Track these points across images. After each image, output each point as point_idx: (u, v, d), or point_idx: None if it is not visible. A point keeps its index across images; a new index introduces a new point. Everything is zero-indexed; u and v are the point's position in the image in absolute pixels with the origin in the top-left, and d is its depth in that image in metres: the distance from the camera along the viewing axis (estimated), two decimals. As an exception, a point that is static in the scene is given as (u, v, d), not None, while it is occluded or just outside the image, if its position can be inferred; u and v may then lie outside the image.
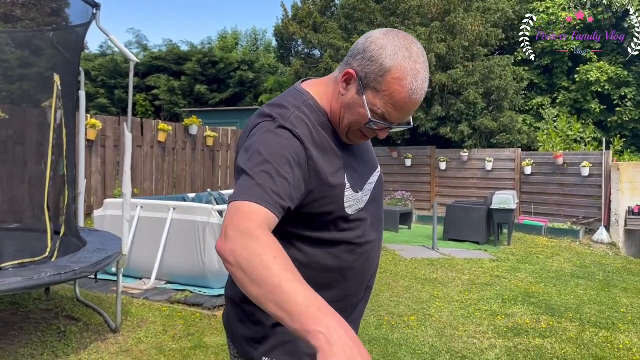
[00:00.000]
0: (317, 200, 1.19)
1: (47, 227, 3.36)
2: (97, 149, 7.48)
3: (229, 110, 15.53)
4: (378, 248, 1.39)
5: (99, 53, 20.53)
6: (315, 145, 1.19)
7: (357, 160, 1.32)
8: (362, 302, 1.41)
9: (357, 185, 1.28)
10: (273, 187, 1.07)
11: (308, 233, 1.23)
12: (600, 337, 4.35)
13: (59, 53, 4.55)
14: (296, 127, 1.18)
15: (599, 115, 13.23)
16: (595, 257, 8.42)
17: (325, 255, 1.25)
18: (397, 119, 1.21)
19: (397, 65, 1.15)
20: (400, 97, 1.16)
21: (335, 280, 1.28)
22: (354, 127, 1.24)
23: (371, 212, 1.33)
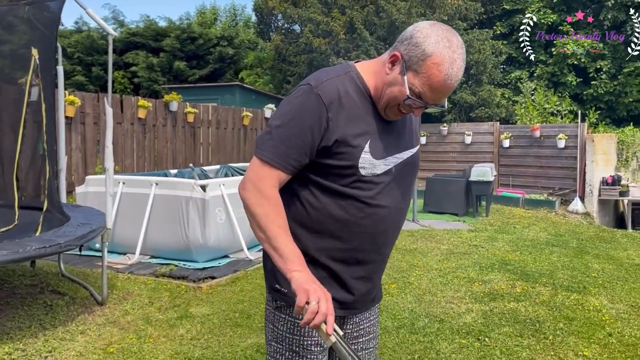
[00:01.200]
0: (336, 154, 1.40)
1: (14, 196, 3.38)
2: (76, 126, 7.42)
3: (209, 87, 15.40)
4: (393, 216, 1.51)
5: (74, 29, 20.09)
6: (341, 109, 1.40)
7: (389, 134, 1.49)
8: (371, 263, 1.53)
9: (378, 153, 1.44)
10: (287, 150, 1.37)
11: (323, 181, 1.43)
12: (572, 300, 4.55)
13: (35, 28, 4.50)
14: (325, 92, 1.39)
15: (575, 88, 13.46)
16: (569, 226, 8.67)
17: (334, 205, 1.44)
18: (431, 100, 1.38)
19: (438, 52, 1.32)
20: (436, 80, 1.34)
21: (340, 230, 1.45)
22: (392, 102, 1.41)
23: (391, 181, 1.48)
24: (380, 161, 1.44)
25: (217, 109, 10.51)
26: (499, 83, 13.85)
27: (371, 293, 1.61)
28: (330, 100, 1.38)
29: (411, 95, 1.36)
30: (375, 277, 1.60)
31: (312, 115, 1.37)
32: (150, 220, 5.34)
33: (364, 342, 1.64)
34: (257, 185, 1.38)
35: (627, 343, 3.64)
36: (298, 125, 1.37)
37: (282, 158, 1.37)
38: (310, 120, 1.37)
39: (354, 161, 1.40)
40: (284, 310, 1.51)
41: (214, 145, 10.35)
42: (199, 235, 5.15)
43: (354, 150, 1.40)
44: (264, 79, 17.39)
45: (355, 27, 12.16)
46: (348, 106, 1.41)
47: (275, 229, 1.35)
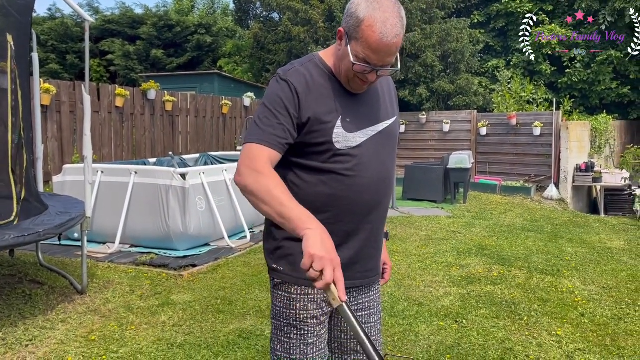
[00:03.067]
0: (310, 132, 1.51)
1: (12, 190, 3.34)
2: (52, 114, 7.30)
3: (187, 75, 15.24)
4: (376, 185, 1.58)
5: (47, 16, 19.62)
6: (309, 92, 1.52)
7: (360, 108, 1.59)
8: (359, 233, 1.59)
9: (351, 127, 1.54)
10: (272, 130, 1.48)
11: (303, 161, 1.54)
12: (546, 282, 4.68)
13: (9, 15, 4.40)
14: (292, 77, 1.52)
15: (550, 76, 13.67)
16: (544, 212, 8.87)
17: (318, 182, 1.54)
18: (378, 61, 1.45)
19: (368, 15, 1.42)
20: (373, 41, 1.42)
21: (326, 204, 1.54)
22: (349, 74, 1.51)
23: (368, 152, 1.56)
24: (354, 134, 1.54)
25: (196, 98, 10.43)
26: (476, 72, 13.99)
27: (366, 264, 1.65)
28: (297, 83, 1.51)
29: (357, 62, 1.45)
30: (369, 248, 1.64)
31: (285, 97, 1.50)
32: (130, 209, 5.32)
33: (363, 316, 1.70)
34: (251, 165, 1.45)
35: (599, 323, 3.77)
36: (276, 108, 1.50)
37: (270, 137, 1.47)
38: (285, 101, 1.49)
39: (328, 137, 1.50)
40: (280, 288, 1.59)
41: (193, 134, 10.28)
42: (180, 223, 5.15)
43: (326, 126, 1.50)
44: (243, 67, 17.26)
45: (334, 15, 12.14)
46: (315, 88, 1.52)
47: (277, 196, 1.39)
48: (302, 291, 1.57)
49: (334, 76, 1.57)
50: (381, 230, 1.70)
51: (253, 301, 4.04)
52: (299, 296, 1.57)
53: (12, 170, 3.39)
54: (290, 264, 1.57)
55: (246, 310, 3.86)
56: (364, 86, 1.55)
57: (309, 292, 1.57)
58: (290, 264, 1.57)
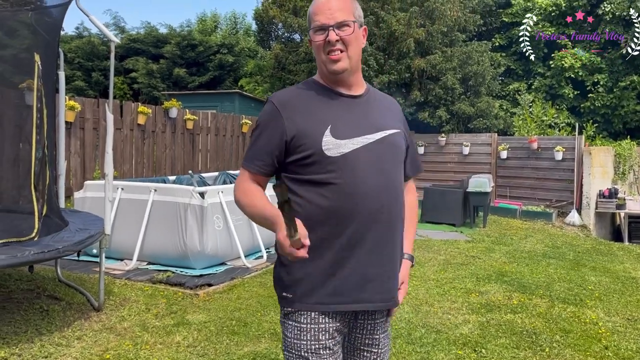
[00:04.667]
0: (299, 145, 1.55)
1: (34, 207, 3.38)
2: (75, 131, 7.43)
3: (208, 94, 15.43)
4: (379, 195, 1.57)
5: (75, 35, 20.12)
6: (296, 106, 1.59)
7: (353, 117, 1.61)
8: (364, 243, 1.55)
9: (342, 134, 1.55)
10: (255, 154, 1.61)
11: (299, 176, 1.57)
12: (569, 312, 4.56)
13: (37, 34, 4.52)
14: (277, 97, 1.62)
15: (573, 101, 13.53)
16: (566, 238, 8.69)
17: (317, 195, 1.54)
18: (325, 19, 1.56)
19: (312, 4, 1.61)
20: (313, 8, 1.59)
21: (327, 216, 1.53)
22: (322, 55, 1.59)
23: (365, 161, 1.56)
24: (345, 141, 1.55)
25: (217, 116, 10.54)
26: (497, 95, 13.92)
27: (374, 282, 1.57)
28: (281, 102, 1.59)
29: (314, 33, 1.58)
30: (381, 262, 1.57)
31: (269, 120, 1.59)
32: (148, 226, 5.34)
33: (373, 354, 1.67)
34: (236, 185, 1.65)
35: (624, 356, 3.64)
36: (260, 131, 1.61)
37: (249, 160, 1.62)
38: (268, 124, 1.59)
39: (317, 147, 1.53)
40: (290, 317, 1.57)
41: (213, 152, 10.36)
42: (197, 242, 5.15)
43: (314, 137, 1.53)
44: (263, 86, 17.41)
45: (355, 37, 12.22)
46: (303, 102, 1.60)
47: (248, 208, 1.58)
48: (313, 320, 1.54)
49: (323, 88, 1.63)
50: (393, 244, 1.61)
51: (268, 323, 4.00)
52: (309, 325, 1.54)
53: (34, 186, 3.44)
54: (300, 291, 1.55)
55: (261, 332, 3.82)
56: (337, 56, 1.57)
57: (319, 321, 1.54)
58: (300, 291, 1.55)
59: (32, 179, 3.43)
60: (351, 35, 1.57)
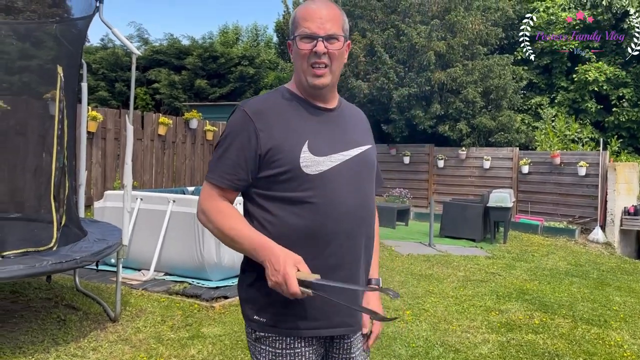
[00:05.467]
0: (275, 161, 1.44)
1: (53, 217, 3.41)
2: (97, 141, 7.53)
3: (229, 105, 15.55)
4: (355, 214, 1.49)
5: (99, 46, 20.50)
6: (270, 118, 1.47)
7: (330, 133, 1.52)
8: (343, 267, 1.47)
9: (320, 150, 1.46)
10: (223, 167, 1.46)
11: (272, 193, 1.46)
12: (592, 334, 4.42)
13: (61, 45, 4.59)
14: (250, 106, 1.48)
15: (597, 115, 13.30)
16: (590, 256, 8.49)
17: (290, 214, 1.44)
18: (316, 28, 1.46)
19: (299, 8, 1.52)
20: (303, 13, 1.49)
21: (302, 238, 1.44)
22: (304, 65, 1.48)
23: (342, 178, 1.48)
24: (324, 158, 1.46)
25: (236, 128, 10.59)
26: (519, 108, 13.75)
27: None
28: (255, 112, 1.47)
29: (300, 40, 1.47)
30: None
31: (241, 130, 1.45)
32: (166, 237, 5.36)
33: None
34: (201, 206, 1.49)
35: (650, 382, 3.51)
36: (229, 142, 1.47)
37: (218, 174, 1.47)
38: (240, 134, 1.45)
39: (294, 163, 1.43)
40: (264, 342, 1.47)
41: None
42: (214, 253, 5.14)
43: (291, 151, 1.43)
44: (284, 98, 17.50)
45: (375, 50, 12.22)
46: (278, 114, 1.48)
47: (228, 232, 1.43)
48: (288, 345, 1.45)
49: (298, 98, 1.53)
50: (366, 264, 1.57)
51: (283, 338, 3.95)
52: (285, 351, 1.45)
53: (54, 197, 3.47)
54: (274, 314, 1.45)
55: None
56: (322, 70, 1.48)
57: (295, 346, 1.45)
58: (274, 314, 1.45)
59: (52, 189, 3.46)
60: (339, 50, 1.49)
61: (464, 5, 12.23)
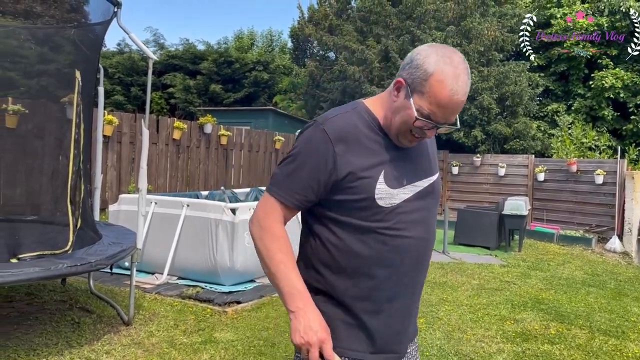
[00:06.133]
0: (350, 188, 1.38)
1: (69, 220, 3.43)
2: (113, 144, 7.59)
3: (243, 110, 15.63)
4: (420, 248, 1.47)
5: (116, 51, 20.74)
6: (349, 143, 1.39)
7: (405, 163, 1.47)
8: (400, 297, 1.47)
9: (394, 183, 1.42)
10: (293, 185, 1.40)
11: (341, 217, 1.41)
12: (610, 345, 4.34)
13: (79, 50, 4.64)
14: (331, 127, 1.40)
15: (614, 123, 13.13)
16: (607, 265, 8.36)
17: (356, 242, 1.41)
18: (441, 118, 1.37)
19: (439, 69, 1.33)
20: (442, 96, 1.33)
21: (365, 267, 1.42)
22: (403, 128, 1.40)
23: (412, 211, 1.45)
24: (397, 190, 1.42)
25: (250, 132, 10.63)
26: (535, 115, 13.63)
27: (403, 334, 1.53)
28: (336, 134, 1.39)
29: (419, 117, 1.36)
30: (407, 316, 1.53)
31: (317, 150, 1.39)
32: (180, 241, 5.37)
33: None
34: (261, 221, 1.43)
35: (671, 396, 3.43)
36: (303, 160, 1.40)
37: (286, 192, 1.41)
38: (316, 155, 1.38)
39: (370, 193, 1.38)
40: None
41: (246, 168, 10.43)
42: (227, 258, 5.14)
43: (367, 182, 1.39)
44: (297, 104, 17.55)
45: (390, 56, 12.20)
46: (356, 140, 1.41)
47: (276, 264, 1.38)
48: None
49: (379, 127, 1.45)
50: (421, 289, 1.59)
51: (296, 345, 3.93)
52: None
53: (70, 200, 3.49)
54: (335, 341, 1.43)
55: (288, 353, 3.76)
56: (415, 142, 1.46)
57: None
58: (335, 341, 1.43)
59: (68, 192, 3.49)
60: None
61: (479, 12, 12.18)
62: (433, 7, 12.00)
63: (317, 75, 14.56)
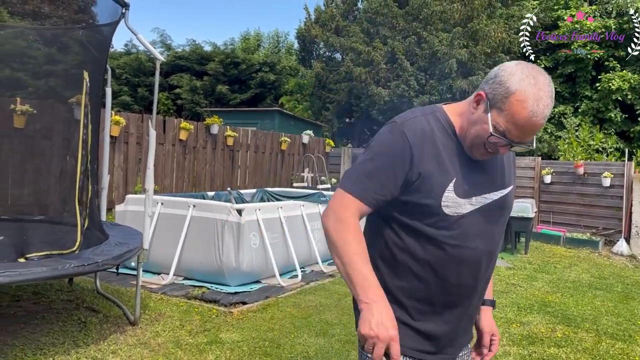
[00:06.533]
0: (418, 191, 1.39)
1: (77, 220, 3.45)
2: (119, 145, 7.62)
3: (249, 111, 15.66)
4: (482, 260, 1.47)
5: (124, 51, 20.86)
6: (425, 146, 1.40)
7: (476, 174, 1.46)
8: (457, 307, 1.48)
9: (463, 192, 1.42)
10: (370, 184, 1.40)
11: (407, 220, 1.43)
12: (617, 349, 4.31)
13: (87, 50, 4.67)
14: (409, 129, 1.41)
15: (622, 125, 13.06)
16: (614, 268, 8.31)
17: (418, 246, 1.42)
18: (516, 137, 1.35)
19: (522, 89, 1.31)
20: (520, 117, 1.31)
21: (423, 271, 1.43)
22: (477, 141, 1.40)
23: (478, 222, 1.45)
24: (465, 200, 1.41)
25: (256, 133, 10.65)
26: (541, 117, 13.57)
27: (455, 339, 1.54)
28: (414, 137, 1.40)
29: (494, 133, 1.35)
30: (462, 323, 1.53)
31: (395, 151, 1.40)
32: (186, 241, 5.39)
33: None
34: (337, 213, 1.41)
35: (678, 400, 3.40)
36: (382, 160, 1.40)
37: (364, 190, 1.40)
38: (394, 156, 1.39)
39: (437, 199, 1.39)
40: None
41: (252, 168, 10.45)
42: (233, 259, 5.15)
43: (436, 187, 1.39)
44: (304, 105, 17.57)
45: (396, 57, 12.20)
46: (432, 144, 1.41)
47: (351, 255, 1.36)
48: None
49: (454, 135, 1.45)
50: (479, 304, 1.58)
51: (301, 346, 3.93)
52: None
53: (78, 200, 3.51)
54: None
55: (293, 355, 3.76)
56: (487, 157, 1.45)
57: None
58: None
59: (76, 193, 3.50)
60: None
61: (486, 14, 12.16)
62: (440, 9, 11.99)
63: (323, 77, 14.57)
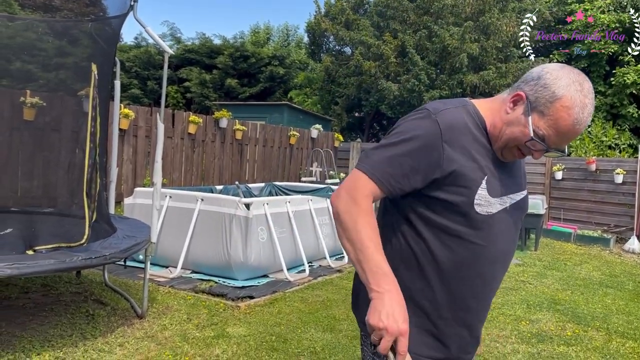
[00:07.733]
0: (451, 186, 1.32)
1: (85, 213, 3.45)
2: (129, 138, 7.63)
3: (258, 105, 15.64)
4: (502, 260, 1.44)
5: (133, 44, 20.90)
6: (459, 139, 1.32)
7: (503, 172, 1.42)
8: (475, 308, 1.43)
9: (495, 191, 1.37)
10: (391, 170, 1.30)
11: (430, 215, 1.35)
12: (628, 348, 4.26)
13: (96, 43, 4.66)
14: (443, 119, 1.32)
15: (636, 121, 12.89)
16: (625, 266, 8.22)
17: (439, 243, 1.35)
18: (554, 144, 1.32)
19: (569, 96, 1.27)
20: (564, 124, 1.28)
21: (445, 271, 1.37)
22: (511, 143, 1.35)
23: (504, 222, 1.40)
24: (496, 199, 1.37)
25: (265, 127, 10.62)
26: (553, 113, 13.44)
27: (473, 342, 1.52)
28: (448, 127, 1.31)
29: (534, 137, 1.30)
30: (475, 324, 1.50)
31: (425, 141, 1.30)
32: (194, 235, 5.39)
33: None
34: (351, 192, 1.31)
35: (691, 401, 3.35)
36: (407, 148, 1.31)
37: (382, 174, 1.31)
38: (423, 147, 1.30)
39: (470, 197, 1.32)
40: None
41: (260, 162, 10.44)
42: (240, 253, 5.15)
43: (470, 184, 1.32)
44: (313, 99, 17.52)
45: (406, 51, 12.11)
46: (466, 138, 1.34)
47: (363, 240, 1.26)
48: None
49: (485, 131, 1.39)
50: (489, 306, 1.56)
51: (308, 341, 3.92)
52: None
53: (86, 193, 3.51)
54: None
55: (300, 350, 3.75)
56: (517, 158, 1.42)
57: None
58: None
59: (84, 186, 3.50)
60: None
61: (498, 7, 12.03)
62: (451, 2, 11.88)
63: (332, 71, 14.51)
